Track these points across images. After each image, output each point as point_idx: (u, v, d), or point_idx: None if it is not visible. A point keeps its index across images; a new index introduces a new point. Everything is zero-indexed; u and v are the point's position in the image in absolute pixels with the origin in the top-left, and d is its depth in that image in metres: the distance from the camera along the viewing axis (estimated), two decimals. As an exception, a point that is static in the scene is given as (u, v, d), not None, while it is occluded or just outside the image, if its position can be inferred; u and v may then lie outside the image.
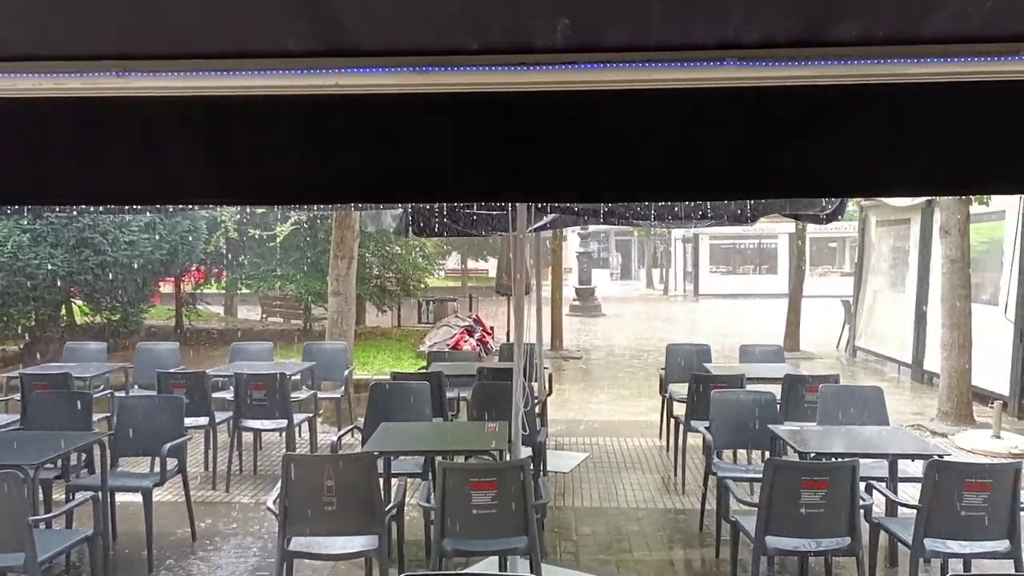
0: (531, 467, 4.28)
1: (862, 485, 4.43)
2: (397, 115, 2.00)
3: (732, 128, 1.97)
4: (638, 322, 23.07)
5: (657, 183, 2.11)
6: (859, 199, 13.44)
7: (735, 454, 7.03)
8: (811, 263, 26.04)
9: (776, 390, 6.49)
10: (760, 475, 4.64)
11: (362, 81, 1.95)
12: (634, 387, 12.39)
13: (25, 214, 9.23)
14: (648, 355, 15.84)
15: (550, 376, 8.67)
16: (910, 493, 5.20)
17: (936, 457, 4.41)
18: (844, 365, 14.27)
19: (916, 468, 5.32)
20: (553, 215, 5.92)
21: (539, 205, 5.32)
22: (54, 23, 1.92)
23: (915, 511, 4.27)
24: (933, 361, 11.16)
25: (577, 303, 24.61)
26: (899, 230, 13.57)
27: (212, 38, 1.93)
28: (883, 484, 4.98)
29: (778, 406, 6.24)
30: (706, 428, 6.15)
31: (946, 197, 9.26)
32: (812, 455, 4.81)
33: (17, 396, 7.37)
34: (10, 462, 4.37)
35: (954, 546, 4.26)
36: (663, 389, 8.49)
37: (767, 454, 5.71)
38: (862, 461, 4.39)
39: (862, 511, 4.31)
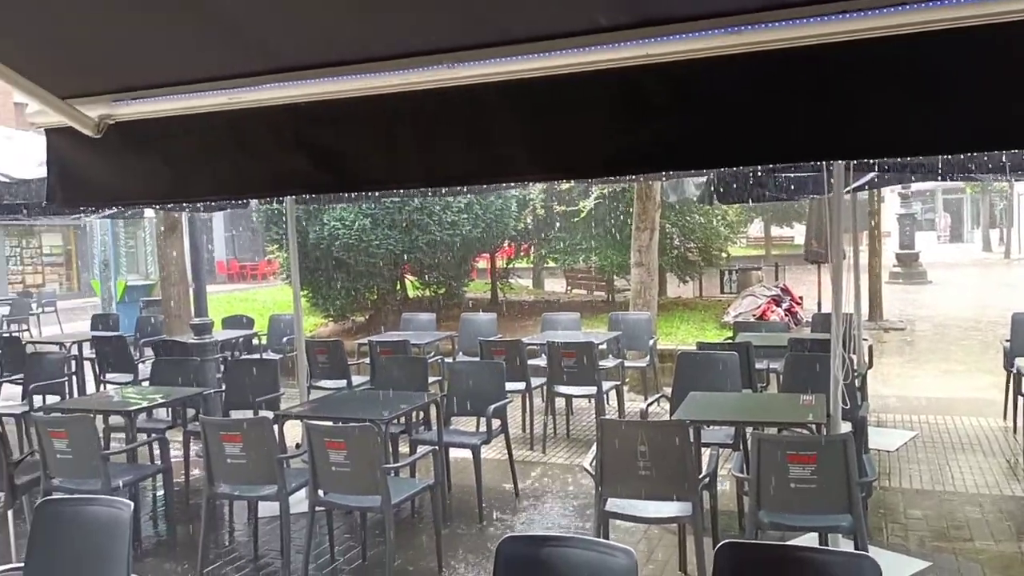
0: (853, 443, 4.03)
1: None
2: (709, 79, 1.97)
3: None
4: (972, 289, 20.55)
5: (1001, 129, 1.86)
6: None
7: (1105, 439, 6.06)
8: None
9: None
10: None
11: (672, 48, 1.95)
12: (969, 361, 11.11)
13: (369, 200, 10.45)
14: (985, 326, 14.08)
15: (870, 348, 8.07)
16: None
17: None
18: None
19: None
20: (873, 173, 5.47)
21: (863, 162, 4.94)
22: (397, 25, 2.16)
23: None
24: None
25: (898, 269, 22.50)
26: None
27: (530, 23, 2.05)
28: None
29: None
30: (1066, 408, 5.36)
31: None
32: None
33: (366, 360, 8.44)
34: (367, 416, 5.03)
35: None
36: (1008, 363, 7.52)
37: None
38: None
39: None
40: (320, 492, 4.75)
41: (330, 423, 5.13)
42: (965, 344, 12.63)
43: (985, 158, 4.64)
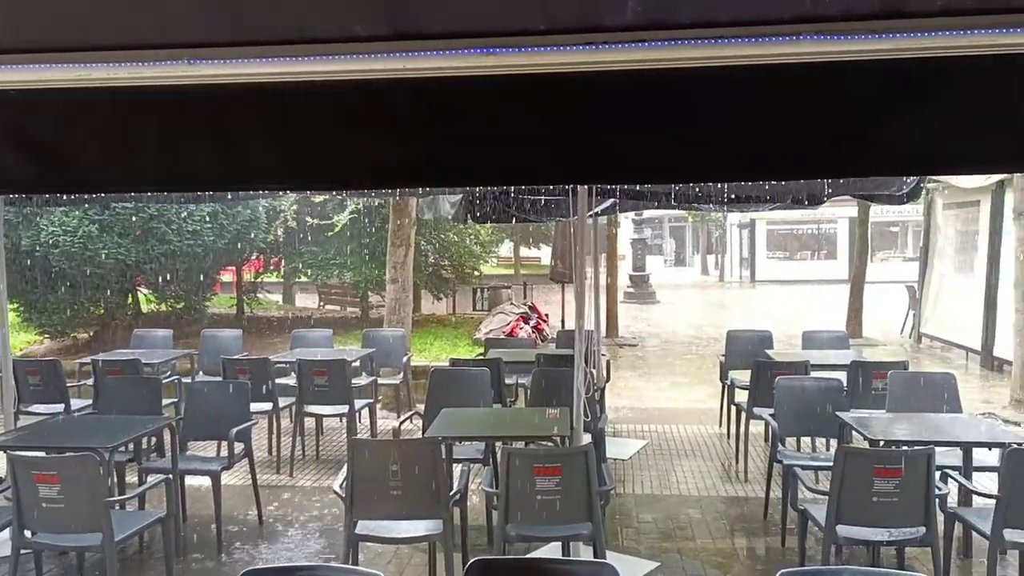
0: (594, 454, 4.25)
1: (937, 474, 4.29)
2: (464, 99, 1.98)
3: (809, 105, 1.91)
4: (693, 309, 22.80)
5: (732, 163, 2.05)
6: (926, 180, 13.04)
7: (798, 442, 6.90)
8: (872, 248, 25.34)
9: (842, 377, 6.35)
10: (828, 463, 4.53)
11: (428, 64, 1.93)
12: (691, 374, 12.26)
13: (96, 204, 9.51)
14: (704, 342, 15.65)
15: (608, 363, 8.62)
16: (984, 483, 5.05)
17: (1015, 445, 4.26)
18: (909, 352, 13.88)
19: (991, 457, 5.15)
20: (612, 199, 5.86)
21: (605, 188, 5.28)
22: (130, 11, 1.95)
23: (993, 501, 4.14)
24: (1003, 348, 10.80)
25: (631, 290, 24.42)
26: (967, 213, 13.12)
27: (281, 25, 1.94)
28: (957, 473, 4.82)
29: (844, 393, 6.09)
30: (770, 415, 6.04)
31: (1020, 177, 8.94)
32: (882, 443, 4.68)
33: (90, 381, 7.61)
34: (87, 445, 4.51)
35: (1035, 537, 4.11)
36: (723, 376, 8.38)
37: (834, 442, 5.57)
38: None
39: (936, 501, 4.17)
40: (27, 533, 4.18)
41: (41, 453, 4.54)
42: (688, 358, 13.93)
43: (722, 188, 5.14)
